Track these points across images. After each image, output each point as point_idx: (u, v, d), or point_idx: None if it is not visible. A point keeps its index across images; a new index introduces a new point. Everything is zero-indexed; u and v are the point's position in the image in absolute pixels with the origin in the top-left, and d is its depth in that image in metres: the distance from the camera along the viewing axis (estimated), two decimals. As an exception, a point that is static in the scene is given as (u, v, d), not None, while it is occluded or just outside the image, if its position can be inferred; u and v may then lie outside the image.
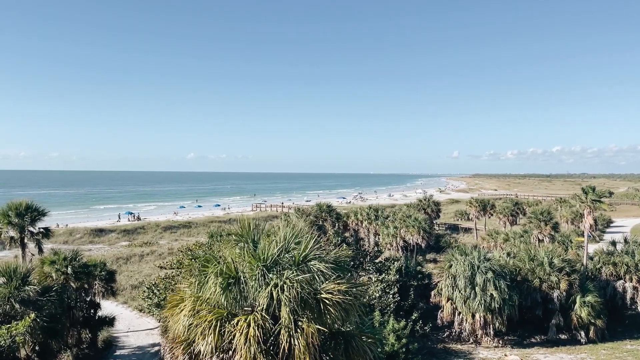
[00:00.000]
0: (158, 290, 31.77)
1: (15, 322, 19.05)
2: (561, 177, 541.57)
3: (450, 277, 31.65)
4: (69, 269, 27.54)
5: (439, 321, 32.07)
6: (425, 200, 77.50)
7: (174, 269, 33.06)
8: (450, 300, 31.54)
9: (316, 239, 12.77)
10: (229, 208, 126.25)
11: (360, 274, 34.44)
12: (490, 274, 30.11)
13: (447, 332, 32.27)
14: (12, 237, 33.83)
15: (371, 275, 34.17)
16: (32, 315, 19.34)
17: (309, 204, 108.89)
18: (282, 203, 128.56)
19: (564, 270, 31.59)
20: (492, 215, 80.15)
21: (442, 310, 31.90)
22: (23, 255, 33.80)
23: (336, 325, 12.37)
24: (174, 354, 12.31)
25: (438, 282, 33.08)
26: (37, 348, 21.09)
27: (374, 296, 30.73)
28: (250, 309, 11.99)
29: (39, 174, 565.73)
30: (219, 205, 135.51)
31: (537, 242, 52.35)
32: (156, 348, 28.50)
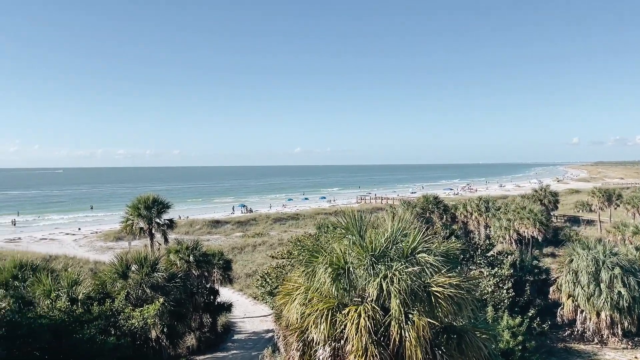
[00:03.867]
0: (270, 279, 33.27)
1: (146, 306, 20.98)
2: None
3: (571, 273, 29.45)
4: (191, 257, 29.78)
5: (558, 319, 30.01)
6: (541, 190, 72.61)
7: (284, 258, 34.44)
8: (571, 297, 29.36)
9: (424, 231, 12.59)
10: (334, 200, 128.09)
11: (470, 267, 33.26)
12: (617, 270, 27.57)
13: (569, 331, 30.10)
14: (141, 228, 37.37)
15: (482, 270, 32.86)
16: (161, 300, 21.17)
17: (414, 195, 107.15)
18: (387, 195, 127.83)
19: None
20: (618, 206, 73.02)
21: (562, 308, 29.80)
22: (151, 245, 37.16)
23: (448, 320, 12.11)
24: (288, 340, 12.83)
25: (557, 277, 30.93)
26: (165, 330, 23.05)
27: (485, 291, 29.56)
28: (359, 299, 12.14)
29: (162, 170, 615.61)
30: (324, 198, 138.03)
31: (674, 235, 46.84)
32: (270, 334, 29.83)
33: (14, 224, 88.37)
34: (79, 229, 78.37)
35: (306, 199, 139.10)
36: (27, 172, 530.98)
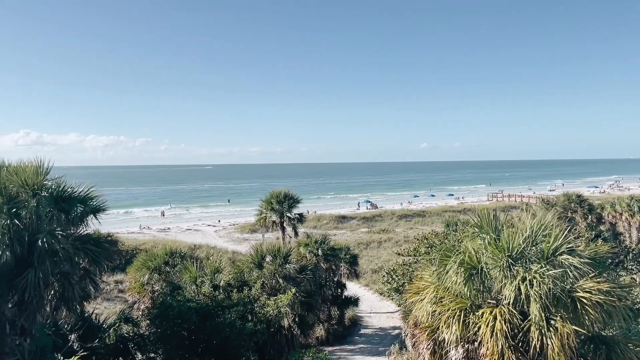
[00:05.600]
0: (396, 276, 33.11)
1: (280, 295, 22.14)
2: None
3: None
4: (320, 251, 30.78)
5: None
6: None
7: (410, 256, 34.01)
8: None
9: (566, 232, 11.66)
10: (462, 198, 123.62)
11: (620, 273, 30.06)
12: None
13: None
14: (274, 221, 39.53)
15: (634, 276, 29.52)
16: (293, 290, 22.17)
17: (552, 193, 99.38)
18: (521, 193, 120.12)
19: None
20: None
21: None
22: (283, 238, 39.10)
23: (595, 328, 11.10)
24: (417, 338, 12.70)
25: None
26: (296, 319, 24.09)
27: (638, 299, 26.51)
28: (494, 301, 11.60)
29: (291, 167, 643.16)
30: (452, 195, 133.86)
31: None
32: (397, 331, 29.77)
33: (163, 215, 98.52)
34: (219, 221, 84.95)
35: (432, 195, 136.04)
36: (177, 168, 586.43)
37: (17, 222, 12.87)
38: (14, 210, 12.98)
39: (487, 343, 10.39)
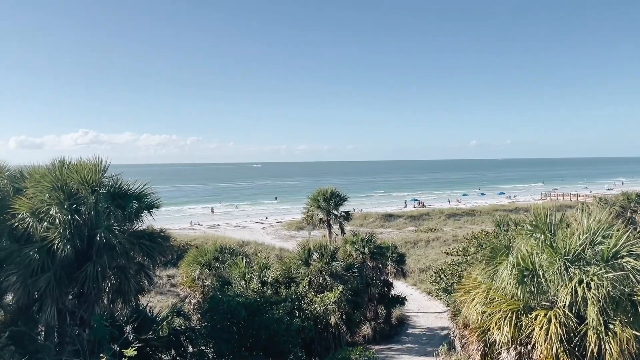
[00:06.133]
0: (445, 276, 32.56)
1: (327, 292, 22.21)
2: None
3: None
4: (366, 249, 30.65)
5: None
6: None
7: (459, 255, 33.37)
8: None
9: (628, 234, 11.13)
10: (514, 196, 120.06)
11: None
12: None
13: None
14: (320, 219, 39.74)
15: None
16: (340, 288, 22.19)
17: (611, 192, 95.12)
18: (577, 191, 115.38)
19: None
20: None
21: None
22: (329, 235, 39.21)
23: (658, 334, 10.53)
24: (467, 340, 12.46)
25: None
26: (343, 317, 24.11)
27: None
28: (548, 304, 11.23)
29: (337, 164, 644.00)
30: (503, 194, 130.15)
31: None
32: (445, 332, 29.27)
33: (213, 212, 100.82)
34: (266, 218, 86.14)
35: (482, 194, 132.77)
36: (227, 166, 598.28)
37: (77, 217, 13.52)
38: (74, 206, 13.63)
39: (541, 346, 10.08)
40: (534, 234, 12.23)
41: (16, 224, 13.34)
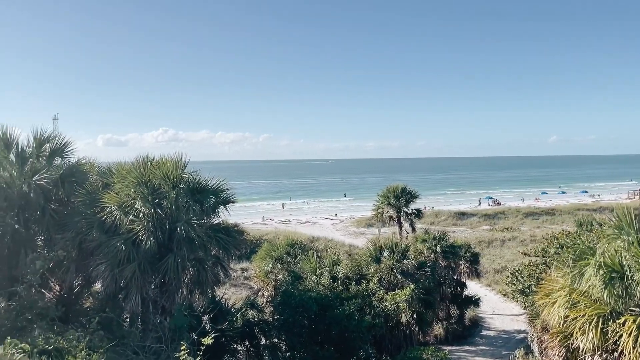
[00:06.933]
0: (522, 277, 31.22)
1: (398, 290, 22.02)
2: None
3: None
4: (438, 247, 30.04)
5: None
6: None
7: (538, 256, 31.86)
8: None
9: None
10: (598, 195, 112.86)
11: None
12: None
13: None
14: (390, 216, 39.35)
15: None
16: (412, 286, 21.93)
17: None
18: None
19: None
20: None
21: None
22: (399, 233, 38.75)
23: None
24: (548, 344, 11.90)
25: None
26: (414, 316, 23.80)
27: None
28: (637, 309, 10.49)
29: (407, 161, 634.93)
30: (586, 192, 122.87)
31: None
32: (522, 335, 28.14)
33: (284, 208, 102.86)
34: (336, 214, 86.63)
35: (563, 192, 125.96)
36: (299, 163, 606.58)
37: (159, 211, 14.27)
38: (157, 200, 14.40)
39: (630, 354, 9.45)
40: (621, 235, 11.47)
41: (105, 216, 14.27)
